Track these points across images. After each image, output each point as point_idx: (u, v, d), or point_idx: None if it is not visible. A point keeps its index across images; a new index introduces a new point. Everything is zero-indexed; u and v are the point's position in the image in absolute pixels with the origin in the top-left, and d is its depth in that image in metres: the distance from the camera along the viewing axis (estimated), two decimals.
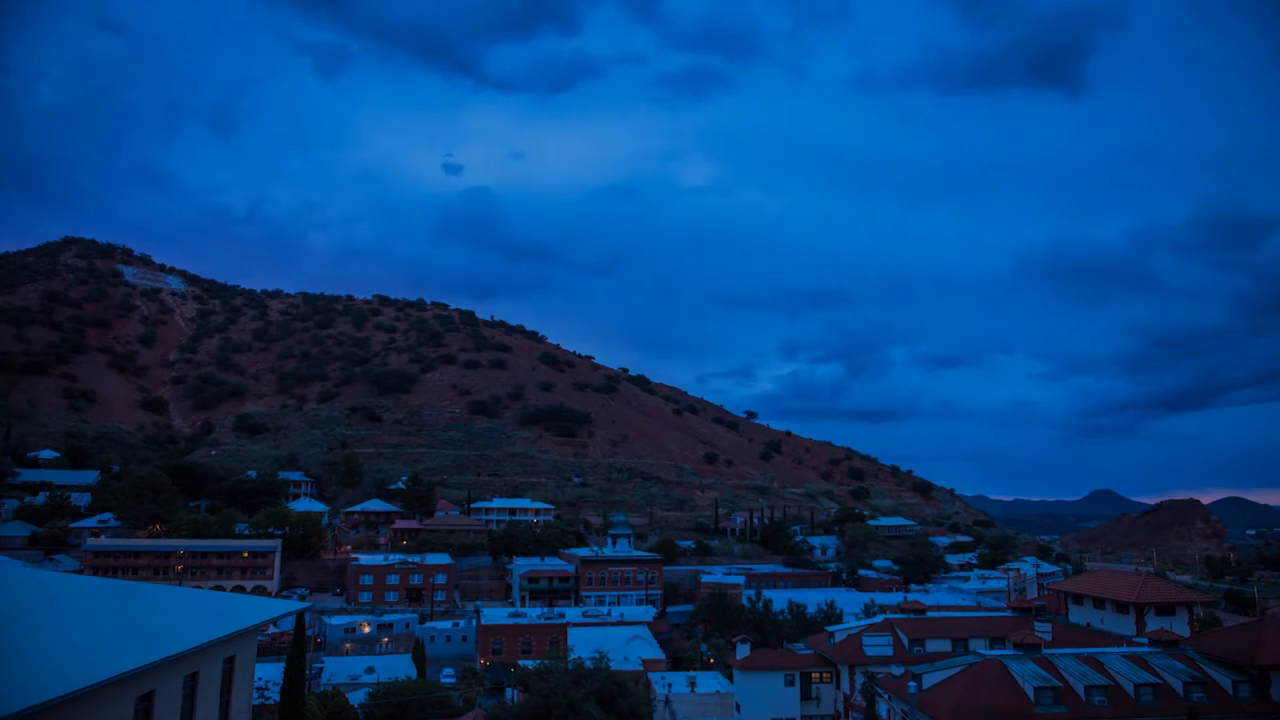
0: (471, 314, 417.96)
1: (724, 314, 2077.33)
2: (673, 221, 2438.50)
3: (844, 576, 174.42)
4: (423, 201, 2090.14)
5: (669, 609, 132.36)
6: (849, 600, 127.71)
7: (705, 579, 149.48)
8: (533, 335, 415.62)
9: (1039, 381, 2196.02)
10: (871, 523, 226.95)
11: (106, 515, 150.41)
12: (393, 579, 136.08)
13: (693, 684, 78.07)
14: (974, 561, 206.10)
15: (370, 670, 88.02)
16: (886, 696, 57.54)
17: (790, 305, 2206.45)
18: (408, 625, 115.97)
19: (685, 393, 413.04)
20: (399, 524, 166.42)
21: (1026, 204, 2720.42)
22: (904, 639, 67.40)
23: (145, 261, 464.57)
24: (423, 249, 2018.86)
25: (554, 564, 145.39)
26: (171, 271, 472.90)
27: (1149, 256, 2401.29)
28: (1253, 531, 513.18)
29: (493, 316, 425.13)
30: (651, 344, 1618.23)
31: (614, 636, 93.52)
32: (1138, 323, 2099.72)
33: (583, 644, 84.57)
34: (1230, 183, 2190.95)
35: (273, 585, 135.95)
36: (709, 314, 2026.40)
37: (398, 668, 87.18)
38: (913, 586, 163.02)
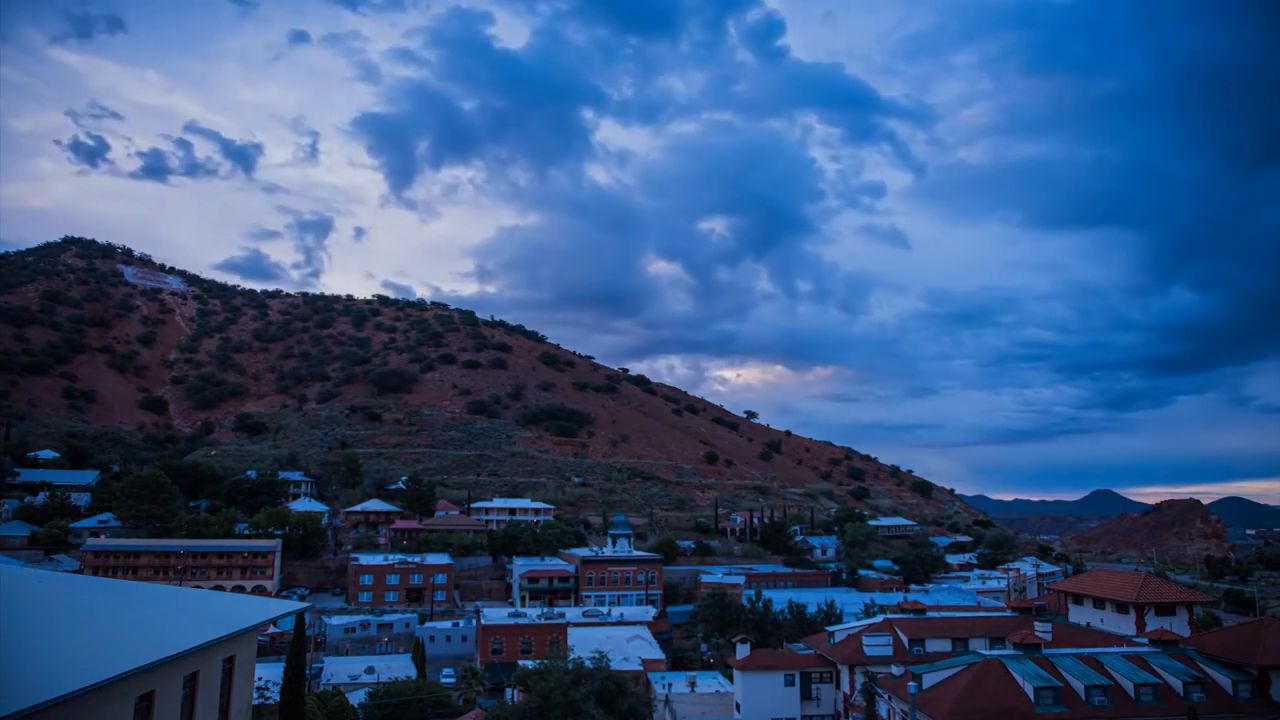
0: (472, 314, 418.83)
1: None
2: None
3: (844, 576, 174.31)
4: None
5: (669, 609, 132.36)
6: (849, 600, 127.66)
7: (705, 579, 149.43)
8: (533, 335, 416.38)
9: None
10: (871, 523, 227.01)
11: (106, 515, 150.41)
12: (393, 579, 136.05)
13: (693, 684, 78.23)
14: (974, 561, 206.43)
15: (370, 670, 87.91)
16: (886, 696, 57.57)
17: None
18: (408, 625, 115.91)
19: (685, 392, 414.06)
20: (399, 524, 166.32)
21: None
22: (904, 639, 67.38)
23: (145, 261, 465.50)
24: None
25: (554, 564, 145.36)
26: (171, 271, 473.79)
27: None
28: (1253, 531, 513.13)
29: (493, 316, 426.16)
30: None
31: (614, 636, 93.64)
32: None
33: (583, 644, 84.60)
34: None
35: (273, 585, 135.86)
36: None
37: (398, 668, 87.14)
38: (913, 586, 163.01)
